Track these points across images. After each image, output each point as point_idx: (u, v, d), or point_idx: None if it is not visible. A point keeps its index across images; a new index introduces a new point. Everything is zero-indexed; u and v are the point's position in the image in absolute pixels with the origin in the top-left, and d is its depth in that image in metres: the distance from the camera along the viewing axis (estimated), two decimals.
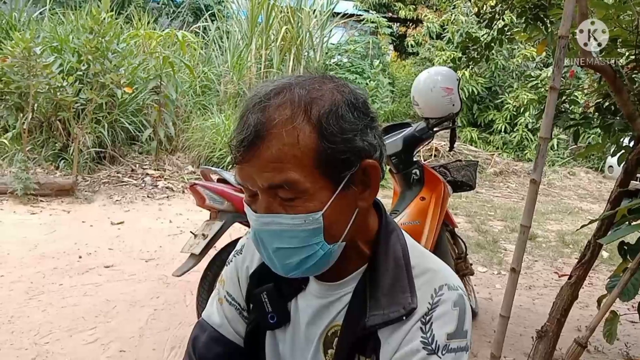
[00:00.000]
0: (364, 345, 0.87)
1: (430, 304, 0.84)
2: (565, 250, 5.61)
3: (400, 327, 0.84)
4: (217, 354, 0.97)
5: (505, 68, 11.78)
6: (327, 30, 10.93)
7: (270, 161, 0.77)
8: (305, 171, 0.77)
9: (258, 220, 0.82)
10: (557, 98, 2.16)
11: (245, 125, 0.79)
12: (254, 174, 0.79)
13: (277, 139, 0.76)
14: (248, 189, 0.83)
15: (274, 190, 0.79)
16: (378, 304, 0.86)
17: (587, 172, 10.80)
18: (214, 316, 1.01)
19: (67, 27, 7.53)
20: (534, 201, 2.10)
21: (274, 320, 0.94)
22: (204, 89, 8.83)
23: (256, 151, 0.77)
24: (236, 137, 0.80)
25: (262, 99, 0.80)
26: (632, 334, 3.53)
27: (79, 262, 4.16)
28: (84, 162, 6.46)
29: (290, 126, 0.77)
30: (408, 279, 0.87)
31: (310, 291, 0.94)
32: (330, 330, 0.91)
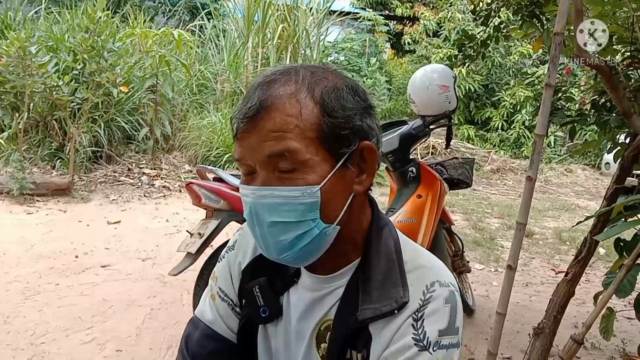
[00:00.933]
0: (355, 340, 0.87)
1: (422, 300, 0.85)
2: (562, 247, 5.62)
3: (392, 322, 0.85)
4: (210, 351, 0.97)
5: (501, 65, 11.78)
6: (324, 28, 10.91)
7: (272, 130, 0.79)
8: (305, 142, 0.80)
9: (255, 193, 0.82)
10: (552, 95, 2.16)
11: (250, 99, 0.82)
12: (255, 144, 0.80)
13: (280, 110, 0.79)
14: (246, 166, 0.84)
15: (273, 161, 0.80)
16: (370, 297, 0.86)
17: (584, 169, 10.82)
18: (206, 313, 1.01)
19: (62, 26, 7.50)
20: (530, 198, 2.10)
21: (265, 314, 0.94)
22: (200, 88, 8.81)
23: (259, 121, 0.80)
24: (240, 110, 0.82)
25: (269, 77, 0.84)
26: (628, 331, 3.54)
27: (75, 262, 4.14)
28: (80, 161, 6.44)
29: (293, 99, 0.80)
30: (400, 274, 0.87)
31: (302, 285, 0.94)
32: (323, 325, 0.92)
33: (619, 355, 3.28)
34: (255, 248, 1.00)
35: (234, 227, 3.12)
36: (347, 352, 0.88)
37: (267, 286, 0.94)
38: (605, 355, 3.28)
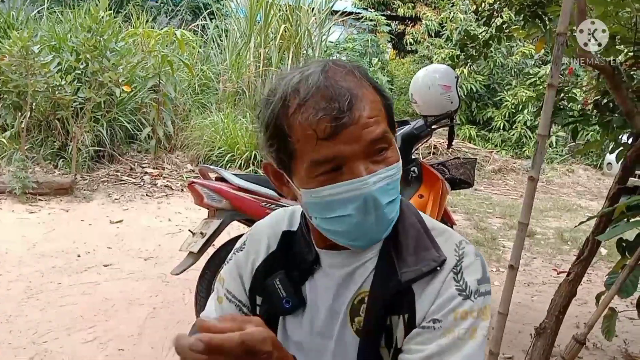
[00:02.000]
0: (395, 305, 0.90)
1: (457, 256, 0.91)
2: (564, 247, 5.61)
3: (434, 279, 0.89)
4: None
5: (503, 66, 11.77)
6: (326, 29, 10.90)
7: (369, 117, 0.82)
8: (385, 123, 0.86)
9: (368, 181, 0.83)
10: (555, 95, 2.16)
11: (334, 94, 0.81)
12: (357, 134, 0.81)
13: (365, 99, 0.83)
14: (333, 162, 0.83)
15: (373, 146, 0.83)
16: (406, 263, 0.90)
17: (586, 169, 10.80)
18: (212, 316, 1.01)
19: (65, 25, 7.52)
20: (532, 198, 2.10)
21: (289, 305, 0.94)
22: (202, 88, 8.82)
23: (355, 112, 0.81)
24: (326, 108, 0.81)
25: (325, 72, 0.84)
26: (630, 331, 3.53)
27: (77, 261, 4.15)
28: (82, 161, 6.45)
29: (364, 88, 0.84)
30: (429, 239, 0.93)
31: (330, 266, 0.95)
32: (357, 298, 0.92)
33: (620, 356, 3.27)
34: (268, 246, 1.01)
35: (236, 227, 3.14)
36: (388, 319, 0.90)
37: (287, 278, 0.95)
38: (607, 355, 3.28)
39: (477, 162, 9.80)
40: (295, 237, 0.99)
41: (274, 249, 1.00)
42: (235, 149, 7.15)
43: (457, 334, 0.85)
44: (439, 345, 0.85)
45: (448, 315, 0.86)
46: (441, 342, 0.85)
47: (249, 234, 1.06)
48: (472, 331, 0.86)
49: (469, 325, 0.86)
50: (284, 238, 1.00)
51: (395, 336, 0.89)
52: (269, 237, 1.02)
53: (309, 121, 0.81)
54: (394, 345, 0.89)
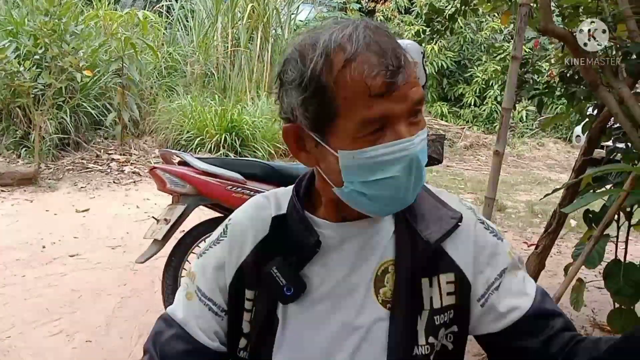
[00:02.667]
0: (425, 267, 0.90)
1: (471, 210, 0.97)
2: (535, 220, 5.68)
3: (460, 234, 0.92)
4: (179, 351, 0.90)
5: (473, 41, 11.79)
6: (295, 7, 10.75)
7: (415, 77, 0.81)
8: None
9: (414, 142, 0.81)
10: (519, 68, 2.13)
11: (386, 51, 0.78)
12: (407, 93, 0.79)
13: (408, 59, 0.81)
14: (381, 121, 0.80)
15: (415, 106, 0.81)
16: (425, 223, 0.91)
17: (556, 143, 10.95)
18: (178, 312, 0.94)
19: (22, 9, 7.24)
20: (498, 173, 2.08)
21: (290, 292, 0.89)
22: (169, 70, 8.63)
23: (407, 70, 0.79)
24: (383, 64, 0.77)
25: (370, 29, 0.80)
26: (599, 300, 3.58)
27: (42, 252, 4.05)
28: (46, 149, 6.27)
29: (399, 48, 0.80)
30: (437, 200, 0.96)
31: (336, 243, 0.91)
32: (380, 269, 0.90)
33: (589, 325, 3.33)
34: (256, 235, 0.93)
35: (201, 212, 3.07)
36: (419, 282, 0.90)
37: (284, 264, 0.89)
38: (576, 325, 3.28)
39: (449, 139, 9.89)
40: (287, 220, 0.93)
41: (263, 237, 0.93)
42: (204, 132, 7.03)
43: (520, 264, 0.96)
44: (522, 284, 0.93)
45: (505, 259, 0.93)
46: (519, 279, 0.93)
47: (227, 225, 0.97)
48: (522, 261, 0.98)
49: (518, 257, 0.97)
50: (275, 223, 0.93)
51: (430, 297, 0.89)
52: (254, 225, 0.94)
53: (360, 77, 0.77)
54: (425, 307, 0.89)
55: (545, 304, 0.93)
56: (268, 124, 7.39)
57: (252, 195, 2.69)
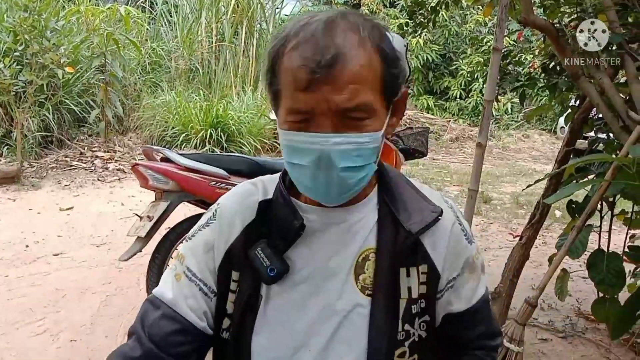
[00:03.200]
0: (403, 257, 0.93)
1: (451, 209, 0.99)
2: (520, 212, 5.72)
3: (438, 229, 0.95)
4: (169, 332, 0.90)
5: (458, 34, 11.81)
6: (279, 1, 10.70)
7: (350, 82, 0.79)
8: (374, 93, 0.82)
9: (328, 140, 0.81)
10: (500, 59, 2.13)
11: (320, 47, 0.78)
12: (330, 95, 0.79)
13: (354, 62, 0.79)
14: (306, 114, 0.82)
15: (344, 113, 0.81)
16: (409, 214, 0.93)
17: (541, 134, 11.03)
18: (167, 293, 0.93)
19: (1, 5, 7.11)
20: (480, 165, 2.09)
21: (273, 273, 0.90)
22: (153, 66, 8.55)
23: (336, 72, 0.78)
24: (308, 59, 0.78)
25: (332, 19, 0.82)
26: (583, 290, 3.62)
27: (25, 252, 3.99)
28: (29, 147, 6.18)
29: (362, 49, 0.80)
30: (417, 192, 0.98)
31: (319, 227, 0.93)
32: (361, 256, 0.93)
33: (574, 314, 3.36)
34: (244, 219, 0.95)
35: (186, 208, 3.05)
36: (398, 271, 0.92)
37: (269, 247, 0.92)
38: (561, 314, 3.36)
39: (435, 132, 9.91)
40: (273, 205, 0.95)
41: (250, 221, 0.95)
42: (189, 128, 6.98)
43: (479, 272, 1.01)
44: (470, 289, 0.99)
45: (467, 262, 0.98)
46: (472, 286, 1.00)
47: (216, 209, 0.99)
48: (482, 264, 1.04)
49: (481, 261, 1.02)
50: (262, 207, 0.95)
51: (408, 286, 0.92)
52: (242, 210, 0.96)
53: (291, 68, 0.81)
54: (402, 296, 0.92)
55: (478, 315, 1.02)
56: (254, 119, 7.35)
57: None
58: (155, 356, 0.89)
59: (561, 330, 3.17)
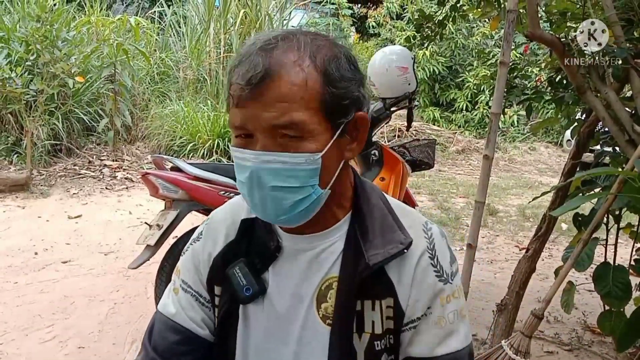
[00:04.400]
0: (366, 289, 0.90)
1: (427, 239, 0.93)
2: (526, 224, 5.72)
3: (406, 263, 0.91)
4: (172, 342, 0.96)
5: (465, 47, 11.85)
6: (287, 13, 10.78)
7: (278, 100, 0.79)
8: (310, 112, 0.81)
9: (258, 158, 0.82)
10: (507, 73, 2.16)
11: (253, 65, 0.80)
12: (259, 112, 0.80)
13: (285, 80, 0.80)
14: (243, 130, 0.84)
15: (277, 129, 0.81)
16: (373, 244, 0.90)
17: (547, 147, 11.02)
18: (168, 306, 0.99)
19: (14, 15, 7.22)
20: (487, 177, 2.11)
21: (249, 293, 0.93)
22: (162, 76, 8.62)
23: (265, 90, 0.79)
24: (241, 76, 0.81)
25: (270, 41, 0.83)
26: (589, 303, 3.62)
27: (35, 259, 4.03)
28: (38, 155, 6.24)
29: (298, 68, 0.81)
30: (394, 220, 0.94)
31: (294, 249, 0.94)
32: (324, 284, 0.92)
33: (580, 327, 3.36)
34: (227, 235, 0.98)
35: (194, 217, 3.08)
36: (357, 304, 0.90)
37: (247, 266, 0.94)
38: (567, 327, 3.35)
39: (441, 144, 9.92)
40: (255, 224, 0.97)
41: (232, 239, 0.97)
42: (197, 138, 7.03)
43: (449, 319, 0.91)
44: (436, 336, 0.91)
45: (434, 301, 0.91)
46: (438, 333, 0.90)
47: (206, 224, 1.04)
48: (460, 312, 0.93)
49: (455, 307, 0.92)
50: (243, 225, 0.97)
51: (372, 320, 0.90)
52: (227, 226, 0.99)
53: (231, 84, 0.84)
54: (365, 330, 0.90)
55: None
56: None
57: None
58: None
59: (567, 343, 3.16)
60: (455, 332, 0.92)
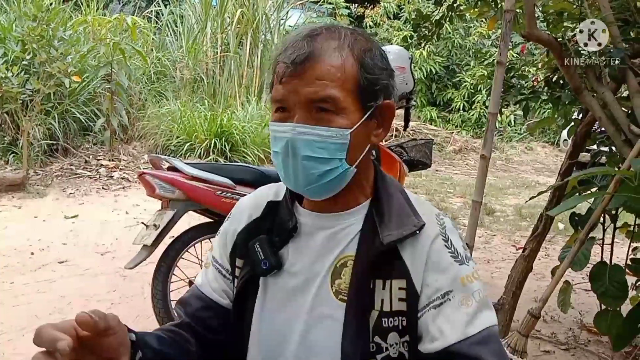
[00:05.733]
0: (382, 269, 0.94)
1: (440, 225, 0.98)
2: (523, 224, 5.73)
3: (419, 245, 0.95)
4: (196, 307, 1.08)
5: (462, 46, 11.87)
6: (284, 12, 10.77)
7: (318, 78, 0.90)
8: (344, 92, 0.91)
9: (295, 129, 0.92)
10: (504, 73, 2.16)
11: (298, 47, 0.91)
12: (299, 87, 0.91)
13: (325, 61, 0.91)
14: (282, 103, 0.94)
15: (314, 104, 0.91)
16: (389, 226, 0.96)
17: (544, 147, 11.05)
18: (198, 278, 1.13)
19: (10, 15, 7.20)
20: (484, 176, 2.11)
21: (266, 266, 1.01)
22: (159, 76, 8.61)
23: (307, 69, 0.90)
24: (287, 57, 0.91)
25: (315, 30, 0.94)
26: (586, 302, 3.63)
27: (31, 259, 4.02)
28: (34, 155, 6.22)
29: (337, 53, 0.92)
30: (410, 207, 1.00)
31: (310, 230, 1.02)
32: (339, 261, 0.98)
33: (576, 327, 3.36)
34: (250, 215, 1.09)
35: (191, 217, 3.07)
36: (371, 282, 0.94)
37: (266, 242, 1.02)
38: (564, 327, 3.36)
39: (438, 144, 9.94)
40: (279, 206, 1.07)
41: (256, 217, 1.08)
42: (194, 137, 7.02)
43: (476, 297, 0.93)
44: (465, 315, 0.91)
45: (455, 283, 0.93)
46: (467, 311, 0.91)
47: (234, 207, 1.15)
48: (483, 290, 0.95)
49: (478, 287, 0.94)
50: (268, 206, 1.07)
51: (381, 299, 0.94)
52: (252, 207, 1.10)
53: (277, 66, 0.95)
54: (375, 307, 0.94)
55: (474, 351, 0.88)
56: (258, 129, 7.39)
57: None
58: (188, 325, 1.06)
59: (564, 342, 3.17)
60: (482, 311, 0.93)
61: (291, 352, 0.99)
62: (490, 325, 0.92)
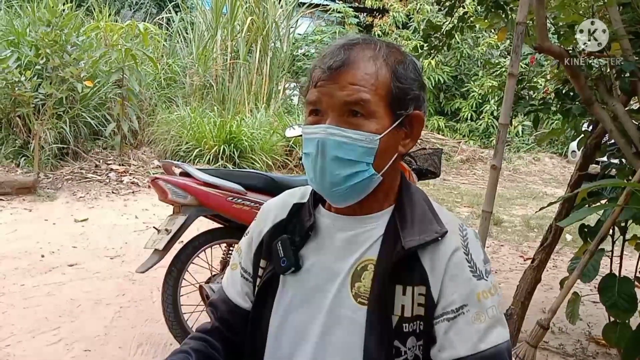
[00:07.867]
0: (403, 274, 0.96)
1: (462, 237, 0.98)
2: (530, 234, 5.72)
3: (440, 254, 0.96)
4: (223, 310, 1.13)
5: (470, 56, 11.90)
6: (294, 21, 10.84)
7: (352, 83, 0.94)
8: (376, 97, 0.94)
9: (326, 130, 0.95)
10: (515, 84, 2.18)
11: (335, 54, 0.96)
12: (334, 91, 0.94)
13: (360, 68, 0.95)
14: (316, 105, 0.97)
15: (347, 107, 0.94)
16: (411, 232, 0.97)
17: (552, 158, 11.02)
18: (224, 280, 1.17)
19: (24, 20, 7.29)
20: (495, 187, 2.12)
21: (285, 264, 1.03)
22: (169, 82, 8.68)
23: (342, 74, 0.94)
24: (324, 63, 0.96)
25: (353, 40, 0.99)
26: (594, 314, 3.62)
27: (41, 262, 4.05)
28: (45, 158, 6.28)
29: (372, 62, 0.96)
30: (434, 216, 1.01)
31: (330, 231, 1.04)
32: (360, 265, 1.00)
33: (585, 339, 3.35)
34: (276, 216, 1.11)
35: (202, 223, 3.10)
36: (392, 288, 0.96)
37: (288, 242, 1.05)
38: (572, 338, 3.35)
39: (446, 153, 9.95)
40: (303, 208, 1.09)
41: (281, 219, 1.10)
42: (203, 143, 7.06)
43: (490, 313, 0.94)
44: (477, 331, 0.92)
45: (470, 298, 0.94)
46: (479, 328, 0.93)
47: (260, 209, 1.18)
48: (499, 306, 0.96)
49: (493, 303, 0.95)
50: (294, 208, 1.10)
51: (402, 304, 0.95)
52: (278, 209, 1.12)
53: (314, 71, 0.99)
54: (395, 312, 0.95)
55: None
56: (266, 136, 7.43)
57: (252, 206, 2.73)
58: (217, 330, 1.11)
59: (572, 354, 3.16)
60: (494, 327, 0.94)
61: (308, 351, 1.00)
62: (502, 342, 0.94)
